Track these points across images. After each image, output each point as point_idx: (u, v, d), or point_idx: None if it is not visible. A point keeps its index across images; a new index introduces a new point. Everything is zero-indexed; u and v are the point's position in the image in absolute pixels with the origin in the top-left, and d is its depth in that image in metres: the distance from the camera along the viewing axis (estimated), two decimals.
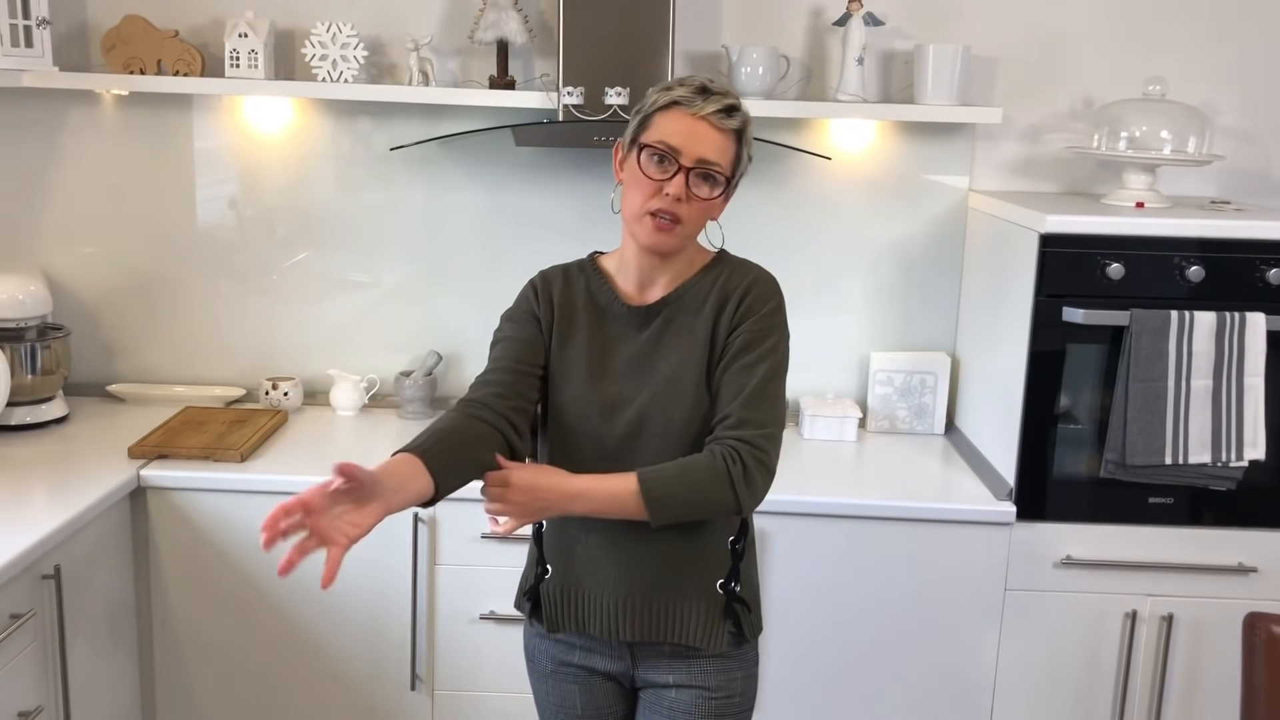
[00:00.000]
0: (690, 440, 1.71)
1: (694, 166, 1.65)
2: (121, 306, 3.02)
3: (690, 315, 1.75)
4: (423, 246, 2.98)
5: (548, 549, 1.82)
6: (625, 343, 1.76)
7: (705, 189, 1.67)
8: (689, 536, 1.74)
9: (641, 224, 1.68)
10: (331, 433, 2.82)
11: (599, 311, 1.78)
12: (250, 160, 2.95)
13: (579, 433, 1.75)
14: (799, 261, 2.95)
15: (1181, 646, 2.54)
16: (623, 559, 1.75)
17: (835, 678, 2.54)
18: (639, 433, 1.72)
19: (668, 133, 1.65)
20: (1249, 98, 2.86)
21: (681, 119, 1.65)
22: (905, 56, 2.83)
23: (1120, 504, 2.48)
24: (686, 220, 1.67)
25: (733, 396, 1.68)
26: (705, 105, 1.65)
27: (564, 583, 1.80)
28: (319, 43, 2.71)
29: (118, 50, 2.74)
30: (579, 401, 1.74)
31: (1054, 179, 2.92)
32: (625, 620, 1.76)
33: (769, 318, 1.72)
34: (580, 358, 1.76)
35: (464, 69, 2.88)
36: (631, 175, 1.70)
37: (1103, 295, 2.40)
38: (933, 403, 2.94)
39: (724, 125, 1.66)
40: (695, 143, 1.65)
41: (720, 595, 1.77)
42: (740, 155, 1.71)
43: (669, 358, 1.74)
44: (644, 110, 1.70)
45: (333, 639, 2.56)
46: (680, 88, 1.67)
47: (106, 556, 2.42)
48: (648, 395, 1.73)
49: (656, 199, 1.66)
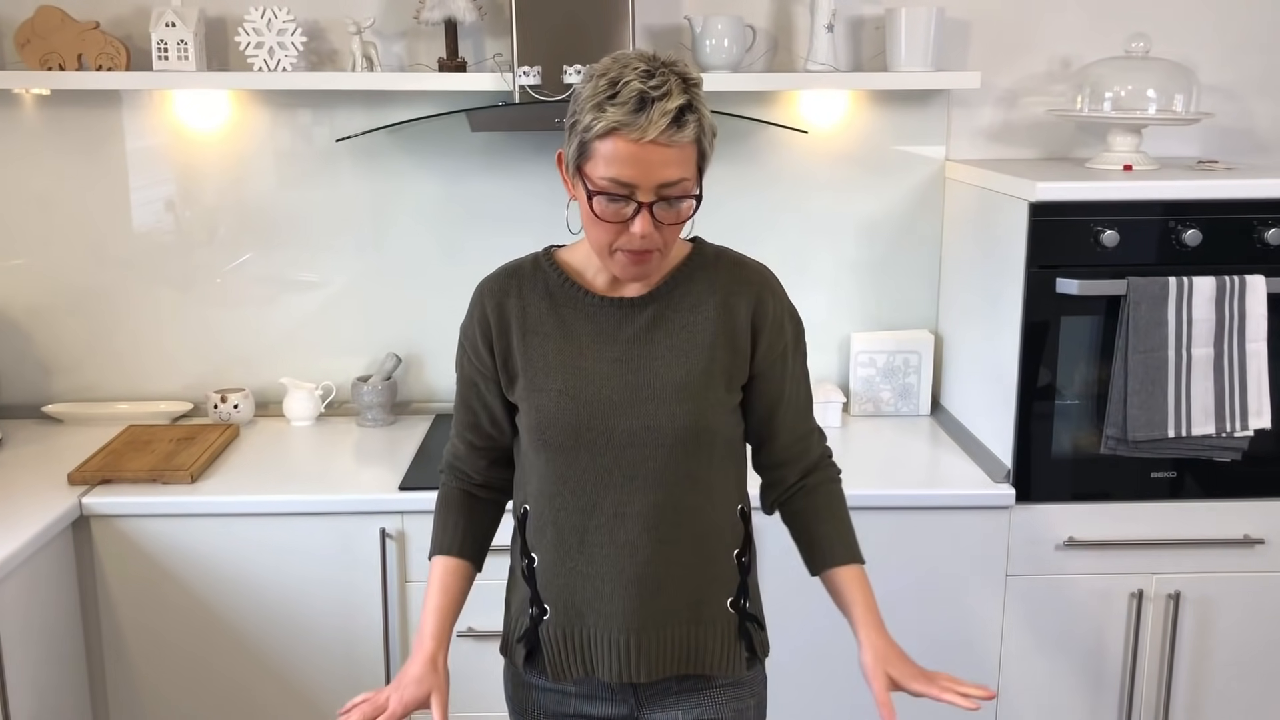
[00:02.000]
0: (704, 449, 1.57)
1: (655, 200, 1.44)
2: (55, 321, 2.84)
3: (685, 314, 1.58)
4: (374, 242, 2.82)
5: (543, 588, 1.63)
6: (605, 342, 1.57)
7: (674, 213, 1.47)
8: (698, 557, 1.60)
9: (613, 260, 1.51)
10: (287, 445, 2.66)
11: (563, 310, 1.59)
12: (186, 159, 2.77)
13: (567, 450, 1.56)
14: (773, 241, 2.82)
15: (1189, 624, 2.45)
16: (631, 591, 1.58)
17: (835, 674, 2.43)
18: (641, 443, 1.55)
19: (614, 168, 1.42)
20: (1228, 53, 2.76)
21: (625, 148, 1.40)
22: (876, 22, 2.71)
23: (1121, 480, 2.39)
24: (663, 245, 1.49)
25: (800, 411, 1.67)
26: (649, 126, 1.39)
27: (566, 624, 1.62)
28: (253, 30, 2.54)
29: (33, 45, 2.55)
30: (562, 415, 1.56)
31: (1033, 144, 2.81)
32: (640, 658, 1.59)
33: (794, 317, 1.66)
34: (553, 367, 1.57)
35: (410, 52, 2.72)
36: (586, 213, 1.49)
37: (1097, 264, 2.30)
38: (917, 383, 2.83)
39: (678, 141, 1.41)
40: (649, 172, 1.41)
41: (733, 615, 1.64)
42: (704, 152, 1.48)
43: (667, 359, 1.56)
44: (579, 132, 1.44)
45: (302, 664, 2.41)
46: (614, 106, 1.39)
47: (49, 594, 2.25)
48: (650, 402, 1.55)
49: (624, 239, 1.47)
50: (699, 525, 1.59)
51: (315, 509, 2.35)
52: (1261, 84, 2.79)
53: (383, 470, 2.48)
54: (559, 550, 1.60)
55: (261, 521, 2.34)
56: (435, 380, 2.89)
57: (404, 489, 2.36)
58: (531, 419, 1.58)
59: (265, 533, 2.34)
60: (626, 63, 1.43)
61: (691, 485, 1.57)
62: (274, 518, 2.34)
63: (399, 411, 2.84)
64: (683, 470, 1.56)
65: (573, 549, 1.59)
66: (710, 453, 1.58)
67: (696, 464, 1.57)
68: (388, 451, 2.60)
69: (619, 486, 1.56)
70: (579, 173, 1.47)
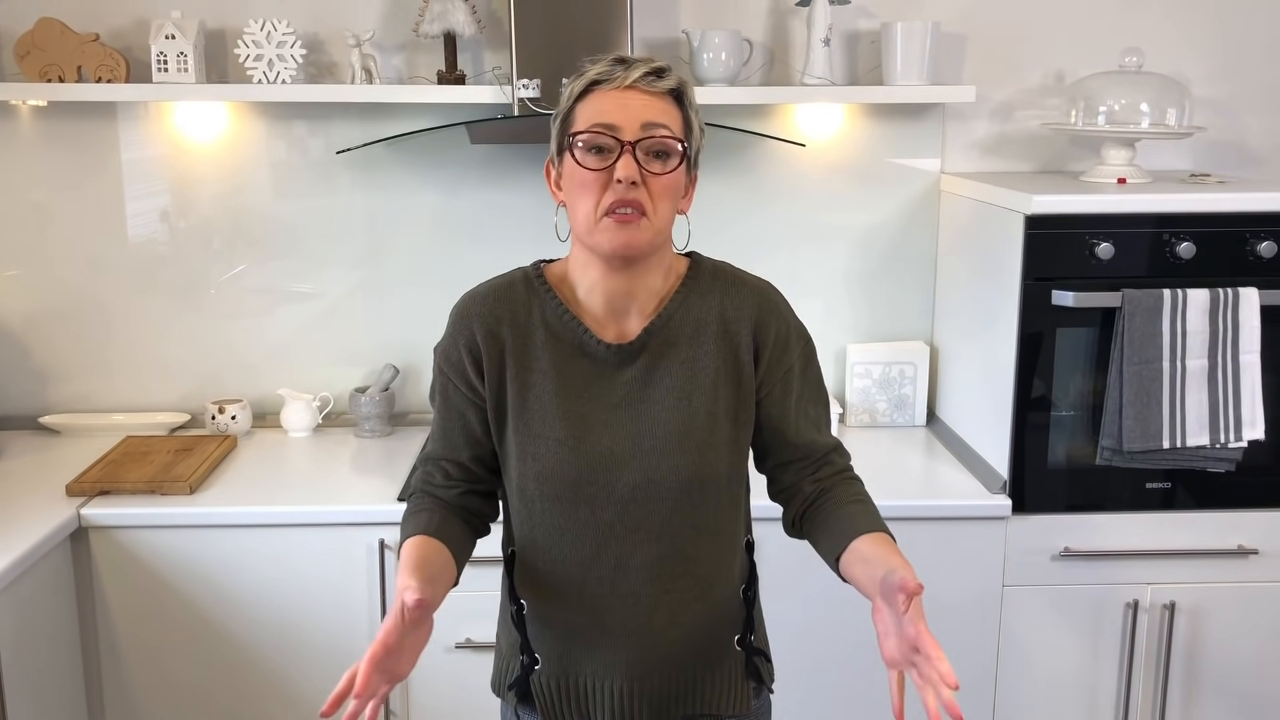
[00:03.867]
0: (711, 496, 1.49)
1: (640, 138, 1.38)
2: (51, 331, 2.83)
3: (685, 347, 1.48)
4: (372, 253, 2.83)
5: (534, 637, 1.54)
6: (603, 386, 1.47)
7: (659, 163, 1.40)
8: (704, 602, 1.53)
9: (600, 228, 1.40)
10: (285, 456, 2.65)
11: (561, 347, 1.47)
12: (182, 170, 2.77)
13: (564, 503, 1.46)
14: (769, 253, 2.83)
15: (1183, 634, 2.46)
16: (633, 641, 1.50)
17: (831, 685, 2.43)
18: (645, 497, 1.45)
19: (597, 113, 1.39)
20: (1219, 68, 2.79)
21: (606, 96, 1.39)
22: (871, 36, 2.72)
23: (1116, 491, 2.40)
24: (651, 208, 1.39)
25: (813, 432, 1.54)
26: (629, 73, 1.39)
27: (560, 674, 1.54)
28: (253, 42, 2.54)
29: (33, 57, 2.55)
30: (561, 466, 1.45)
31: (1026, 158, 2.83)
32: (642, 704, 1.53)
33: (803, 334, 1.56)
34: (551, 412, 1.46)
35: (409, 65, 2.73)
36: (572, 181, 1.42)
37: (1092, 276, 2.31)
38: (913, 394, 2.85)
39: (656, 88, 1.40)
40: (631, 113, 1.38)
41: (739, 652, 1.58)
42: (688, 120, 1.44)
43: (668, 403, 1.47)
44: (561, 109, 1.44)
45: (299, 674, 2.40)
46: (594, 66, 1.42)
47: (47, 605, 2.24)
48: (653, 454, 1.45)
49: (608, 193, 1.38)
50: (704, 571, 1.52)
51: (313, 520, 2.34)
52: (1253, 98, 2.81)
53: (380, 481, 2.48)
54: (553, 601, 1.52)
55: (260, 532, 2.34)
56: None
57: (402, 499, 2.36)
58: (527, 468, 1.48)
59: (264, 543, 2.34)
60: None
61: (696, 534, 1.50)
62: (272, 529, 2.34)
63: (396, 422, 2.84)
64: (688, 521, 1.48)
65: (569, 601, 1.50)
66: (716, 499, 1.51)
67: (701, 513, 1.49)
68: (385, 462, 2.60)
69: (620, 539, 1.47)
70: (561, 150, 1.44)
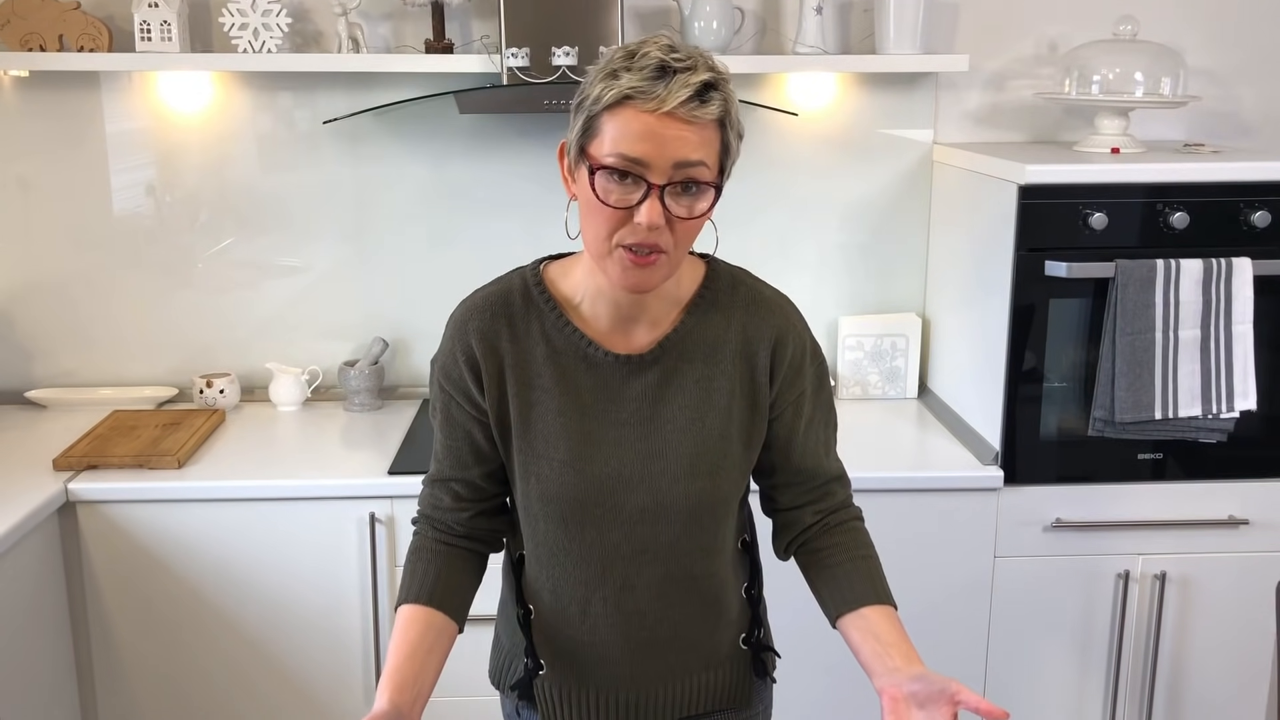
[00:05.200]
0: (720, 519, 1.44)
1: (669, 181, 1.23)
2: (36, 306, 2.80)
3: (699, 365, 1.39)
4: (360, 226, 2.80)
5: (540, 645, 1.50)
6: (610, 403, 1.38)
7: (688, 204, 1.25)
8: (710, 613, 1.49)
9: (613, 260, 1.27)
10: (274, 430, 2.64)
11: (564, 361, 1.38)
12: (167, 142, 2.74)
13: (569, 524, 1.41)
14: (760, 225, 2.81)
15: (1174, 604, 2.47)
16: (638, 653, 1.47)
17: (823, 658, 2.43)
18: (653, 520, 1.40)
19: (624, 142, 1.21)
20: (1214, 36, 2.77)
21: (639, 119, 1.21)
22: (864, 5, 2.70)
23: (1108, 462, 2.40)
24: (672, 246, 1.27)
25: (818, 456, 1.49)
26: (670, 94, 1.20)
27: (564, 682, 1.51)
28: (238, 10, 2.50)
29: (13, 26, 2.51)
30: (565, 489, 1.39)
31: (1019, 128, 2.82)
32: (645, 711, 1.51)
33: (817, 355, 1.47)
34: (555, 432, 1.38)
35: (396, 34, 2.69)
36: (586, 198, 1.27)
37: (1085, 247, 2.30)
38: (904, 366, 2.84)
39: (700, 117, 1.22)
40: (664, 148, 1.21)
41: (746, 651, 1.56)
42: (728, 144, 1.28)
43: (679, 423, 1.39)
44: (587, 107, 1.25)
45: (288, 648, 2.40)
46: (630, 73, 1.21)
47: (35, 580, 2.22)
48: (663, 477, 1.39)
49: (626, 230, 1.25)
50: (712, 586, 1.49)
51: (303, 494, 2.33)
52: (1247, 67, 2.79)
53: (371, 455, 2.46)
54: (558, 616, 1.48)
55: (249, 506, 2.32)
56: (422, 365, 2.87)
57: (393, 473, 2.35)
58: (530, 488, 1.42)
59: (253, 518, 2.33)
60: (649, 40, 1.26)
61: (704, 554, 1.46)
62: (262, 503, 2.32)
63: (386, 396, 2.82)
64: (697, 543, 1.44)
65: (573, 618, 1.47)
66: (726, 520, 1.46)
67: (711, 535, 1.45)
68: (375, 436, 2.58)
69: (627, 560, 1.43)
70: (582, 155, 1.27)
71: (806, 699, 2.47)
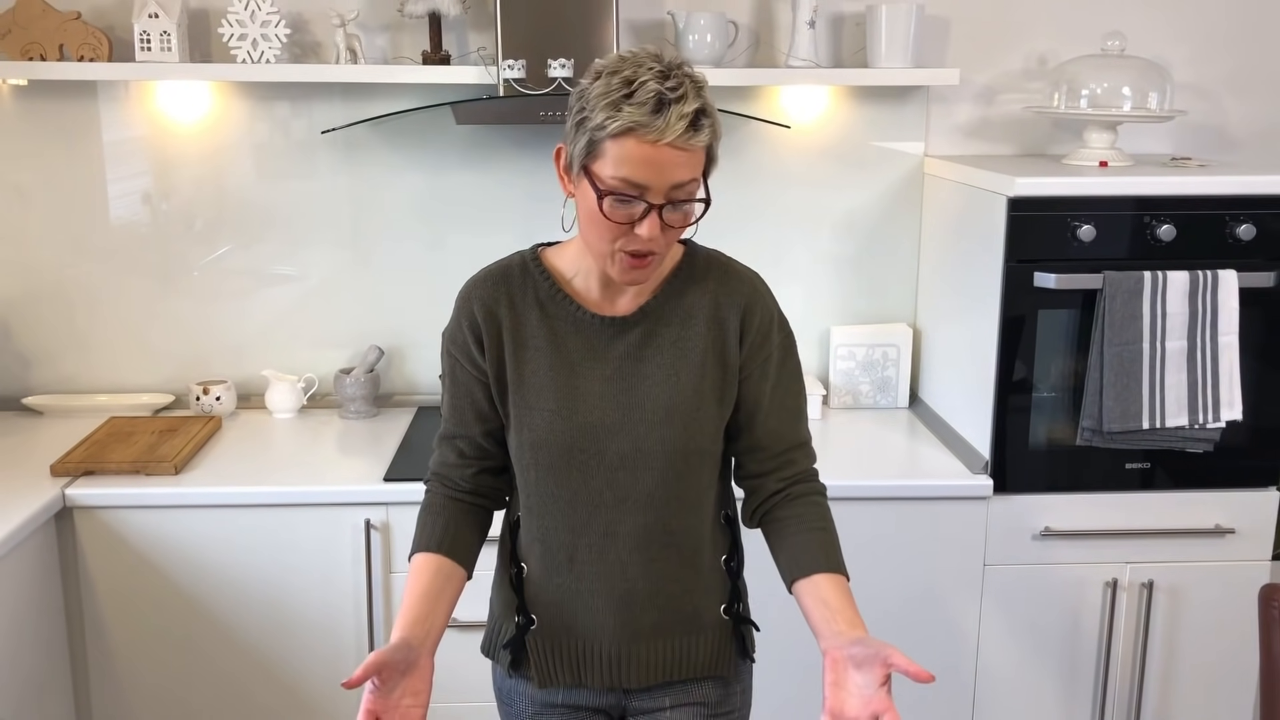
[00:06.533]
0: (694, 470, 1.57)
1: (666, 202, 1.42)
2: (34, 313, 2.82)
3: (675, 328, 1.56)
4: (356, 235, 2.82)
5: (531, 599, 1.63)
6: (595, 360, 1.55)
7: (681, 216, 1.45)
8: (688, 570, 1.61)
9: (613, 262, 1.47)
10: (270, 437, 2.65)
11: (555, 323, 1.56)
12: (165, 151, 2.76)
13: (557, 470, 1.55)
14: (753, 235, 2.84)
15: (1161, 612, 2.50)
16: (621, 605, 1.59)
17: (814, 664, 2.45)
18: (633, 465, 1.54)
19: (627, 168, 1.39)
20: (1200, 52, 2.81)
21: (639, 149, 1.38)
22: (857, 18, 2.73)
23: (1096, 472, 2.43)
24: (664, 248, 1.47)
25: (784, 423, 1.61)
26: (668, 127, 1.37)
27: (554, 634, 1.62)
28: (237, 21, 2.53)
29: (14, 35, 2.53)
30: (554, 435, 1.54)
31: (1009, 141, 2.85)
32: (630, 668, 1.61)
33: (784, 327, 1.62)
34: (546, 385, 1.55)
35: (394, 45, 2.72)
36: (589, 209, 1.44)
37: (1073, 258, 2.33)
38: (895, 376, 2.87)
39: (693, 145, 1.40)
40: (662, 174, 1.40)
41: (727, 621, 1.66)
42: (713, 156, 1.48)
43: (657, 378, 1.55)
44: (590, 131, 1.41)
45: (285, 654, 2.41)
46: (630, 105, 1.37)
47: (32, 585, 2.24)
48: (641, 424, 1.53)
49: (626, 239, 1.44)
50: (689, 542, 1.60)
51: (299, 500, 2.35)
52: (1233, 82, 2.83)
53: (366, 462, 2.48)
54: (547, 566, 1.60)
55: (245, 513, 2.34)
56: (418, 372, 2.89)
57: (388, 480, 2.37)
58: (523, 437, 1.56)
59: (249, 524, 2.34)
60: (639, 62, 1.41)
61: (680, 506, 1.57)
62: (258, 509, 2.34)
63: (381, 404, 2.84)
64: (673, 492, 1.56)
65: (561, 565, 1.59)
66: (700, 473, 1.58)
67: (686, 485, 1.57)
68: (371, 443, 2.60)
69: (609, 508, 1.55)
70: (585, 171, 1.43)
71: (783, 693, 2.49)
